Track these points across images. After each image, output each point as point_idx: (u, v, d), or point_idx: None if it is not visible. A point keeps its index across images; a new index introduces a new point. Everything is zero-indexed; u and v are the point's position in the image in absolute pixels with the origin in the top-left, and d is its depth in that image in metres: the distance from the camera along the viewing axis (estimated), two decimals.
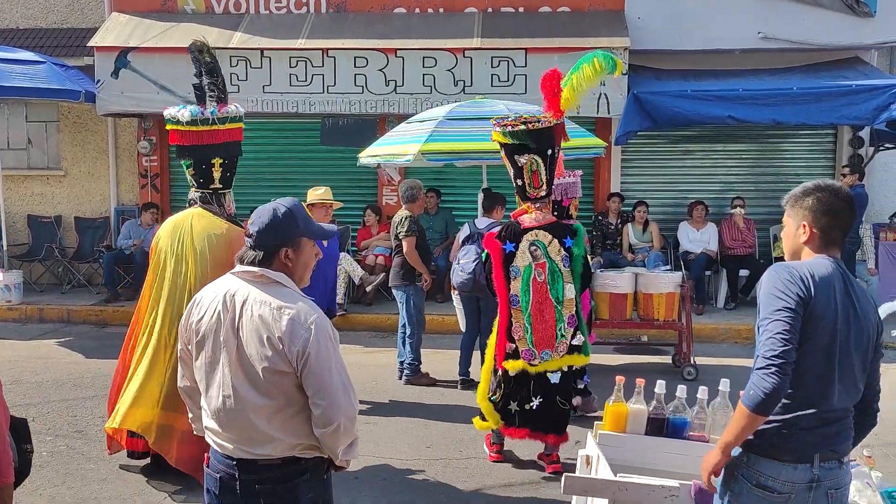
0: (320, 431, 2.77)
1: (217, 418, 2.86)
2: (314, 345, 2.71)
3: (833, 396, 2.76)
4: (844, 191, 2.94)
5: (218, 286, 2.92)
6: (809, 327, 2.72)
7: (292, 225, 2.86)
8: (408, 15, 11.54)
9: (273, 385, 2.76)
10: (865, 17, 10.86)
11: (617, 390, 3.77)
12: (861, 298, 2.85)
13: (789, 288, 2.72)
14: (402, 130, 8.48)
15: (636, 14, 11.11)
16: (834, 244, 2.89)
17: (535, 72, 10.47)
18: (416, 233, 7.82)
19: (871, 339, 2.85)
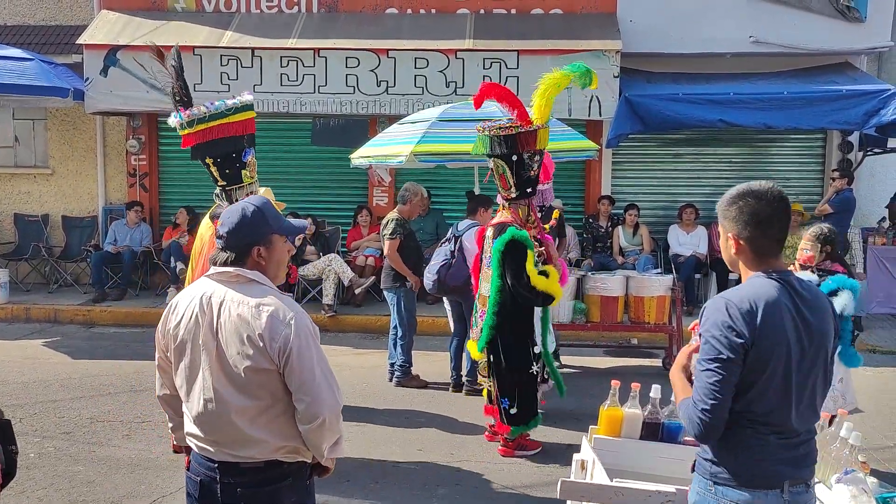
0: (305, 427, 2.76)
1: (199, 422, 2.84)
2: (295, 340, 2.71)
3: (794, 420, 2.65)
4: (773, 193, 2.70)
5: (194, 290, 2.91)
6: (761, 363, 2.59)
7: (262, 223, 2.86)
8: (399, 15, 11.52)
9: (256, 384, 2.75)
10: (856, 22, 10.91)
11: (612, 395, 3.75)
12: (815, 309, 2.68)
13: (727, 335, 2.57)
14: (394, 131, 8.46)
15: (628, 17, 11.12)
16: (769, 255, 2.71)
17: (527, 73, 10.49)
18: (400, 235, 7.76)
19: (829, 349, 2.72)
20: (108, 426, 6.58)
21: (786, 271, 2.72)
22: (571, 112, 10.49)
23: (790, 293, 2.66)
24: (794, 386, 2.63)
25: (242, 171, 5.24)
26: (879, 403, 7.43)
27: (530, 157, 5.77)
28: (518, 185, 5.82)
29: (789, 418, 2.65)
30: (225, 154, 5.21)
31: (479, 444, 6.33)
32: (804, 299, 2.67)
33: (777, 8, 10.98)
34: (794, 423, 2.66)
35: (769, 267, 2.70)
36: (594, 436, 3.71)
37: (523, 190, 5.86)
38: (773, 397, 2.63)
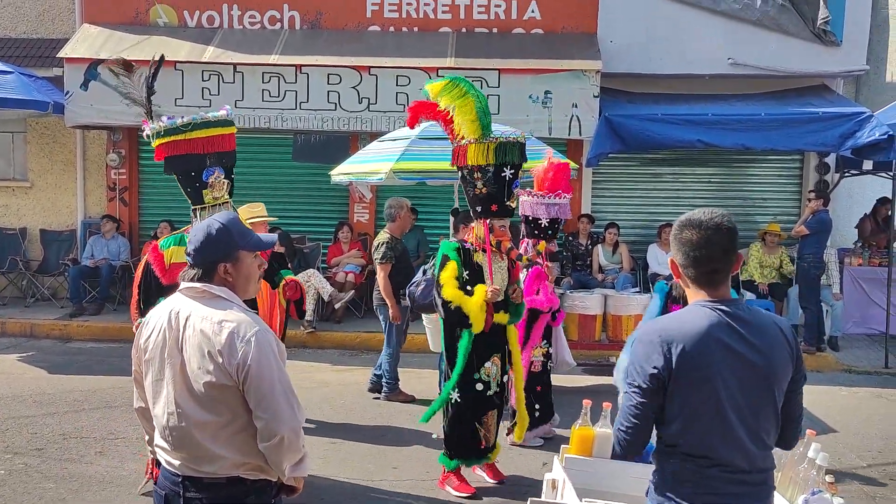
0: (264, 445, 2.77)
1: (164, 435, 2.86)
2: (254, 357, 2.72)
3: (739, 456, 2.61)
4: (713, 222, 2.65)
5: (166, 305, 2.94)
6: (682, 395, 2.58)
7: (228, 240, 2.87)
8: (382, 33, 11.57)
9: (216, 400, 2.77)
10: (832, 45, 11.06)
11: (584, 414, 3.76)
12: (758, 341, 2.61)
13: (643, 366, 2.61)
14: (374, 149, 8.47)
15: (608, 37, 11.23)
16: (713, 283, 2.67)
17: (508, 92, 10.57)
18: (391, 259, 7.73)
19: (776, 380, 2.64)
20: (81, 442, 6.52)
21: (730, 300, 2.68)
22: (552, 131, 10.57)
23: (727, 324, 2.61)
24: (733, 421, 2.59)
25: (203, 191, 4.85)
26: (853, 423, 7.48)
27: (469, 174, 5.44)
28: (470, 202, 5.60)
29: (733, 454, 2.60)
30: (185, 171, 4.87)
31: None
32: (745, 330, 2.62)
33: (755, 30, 11.13)
34: (738, 459, 2.61)
35: (708, 296, 2.68)
36: (566, 455, 3.71)
37: (474, 208, 5.56)
38: (707, 431, 2.60)
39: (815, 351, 9.88)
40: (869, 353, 10.15)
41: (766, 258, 10.67)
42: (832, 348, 10.24)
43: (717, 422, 2.60)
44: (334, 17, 11.64)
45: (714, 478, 2.61)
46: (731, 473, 2.62)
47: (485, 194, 5.45)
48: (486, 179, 5.42)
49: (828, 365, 9.65)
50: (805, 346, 9.72)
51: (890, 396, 8.53)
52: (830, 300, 10.46)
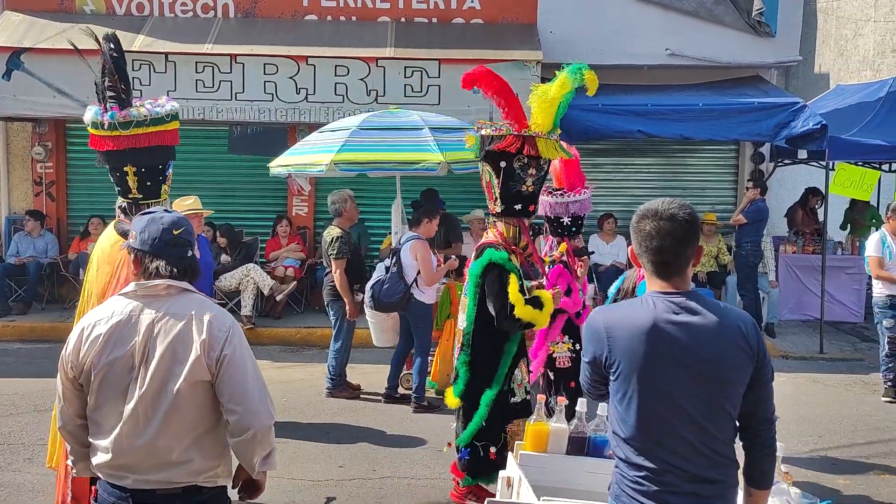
0: (235, 440, 2.71)
1: (117, 447, 2.71)
2: (230, 348, 2.69)
3: (688, 458, 2.53)
4: (668, 212, 2.61)
5: (112, 307, 2.77)
6: (628, 385, 2.55)
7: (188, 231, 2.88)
8: (319, 22, 11.33)
9: (188, 401, 2.68)
10: (766, 37, 11.24)
11: (538, 409, 3.69)
12: (708, 336, 2.53)
13: (587, 344, 2.71)
14: (313, 140, 8.28)
15: (549, 28, 11.21)
16: (667, 274, 2.62)
17: (449, 83, 10.45)
18: (346, 254, 7.59)
19: (728, 378, 2.54)
20: (8, 449, 6.21)
21: (685, 292, 2.60)
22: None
23: (676, 317, 2.55)
24: (680, 417, 2.52)
25: (163, 186, 4.66)
26: (792, 409, 7.59)
27: (522, 168, 4.87)
28: (504, 198, 4.95)
29: (682, 455, 2.53)
30: (153, 164, 4.60)
31: (404, 458, 6.21)
32: (694, 325, 2.54)
33: (692, 22, 11.24)
34: (690, 464, 2.53)
35: (668, 287, 2.62)
36: (520, 452, 3.63)
37: (510, 205, 4.94)
38: (654, 428, 2.54)
39: None
40: (804, 339, 10.37)
41: (704, 246, 10.80)
42: (769, 335, 10.43)
43: (664, 419, 2.53)
44: (270, 5, 11.36)
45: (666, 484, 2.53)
46: (683, 482, 2.53)
47: (530, 193, 4.96)
48: (538, 178, 4.96)
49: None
50: None
51: (826, 381, 8.72)
52: (767, 287, 10.66)
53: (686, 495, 2.53)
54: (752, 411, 2.62)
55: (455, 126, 8.26)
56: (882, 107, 10.42)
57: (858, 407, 7.82)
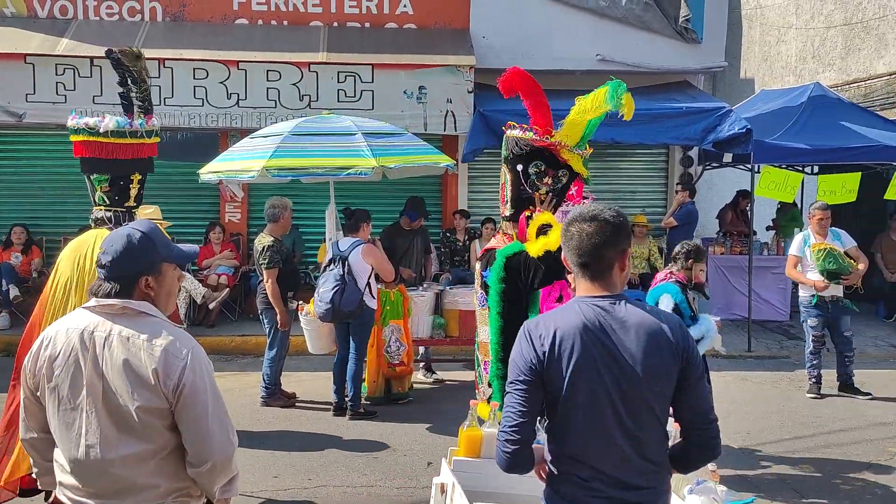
0: (194, 471, 2.60)
1: (77, 472, 2.59)
2: (189, 376, 2.55)
3: (619, 466, 2.55)
4: (598, 217, 2.64)
5: (70, 323, 2.66)
6: (559, 391, 2.54)
7: (150, 250, 2.66)
8: (250, 26, 11.20)
9: (146, 425, 2.56)
10: (693, 43, 11.49)
11: (471, 415, 3.69)
12: (636, 340, 2.55)
13: (520, 359, 2.60)
14: (245, 146, 8.16)
15: (481, 33, 11.27)
16: (595, 278, 2.64)
17: (382, 88, 10.45)
18: (278, 263, 7.49)
19: (655, 381, 2.55)
20: None
21: (612, 296, 2.62)
22: (427, 127, 10.51)
23: (603, 321, 2.57)
24: (609, 422, 2.54)
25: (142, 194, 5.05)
26: (722, 407, 7.73)
27: (538, 175, 4.72)
28: (514, 202, 4.80)
29: (611, 460, 2.55)
30: (146, 174, 5.01)
31: (340, 466, 6.16)
32: (622, 328, 2.56)
33: (621, 28, 11.43)
34: (619, 469, 2.55)
35: (596, 290, 2.64)
36: (454, 458, 3.63)
37: (518, 210, 4.77)
38: (584, 434, 2.56)
39: None
40: (733, 338, 10.60)
41: (635, 249, 10.98)
42: None
43: (592, 423, 2.54)
44: (199, 9, 11.17)
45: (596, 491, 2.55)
46: (610, 488, 2.55)
47: (542, 201, 4.77)
48: (552, 188, 4.76)
49: None
50: None
51: (754, 379, 8.94)
52: None
53: (612, 501, 2.55)
54: (690, 411, 2.63)
55: (388, 131, 8.24)
56: (804, 111, 10.75)
57: (785, 403, 8.04)
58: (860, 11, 13.46)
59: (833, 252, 7.94)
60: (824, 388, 8.24)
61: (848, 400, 8.08)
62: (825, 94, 11.26)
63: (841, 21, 13.89)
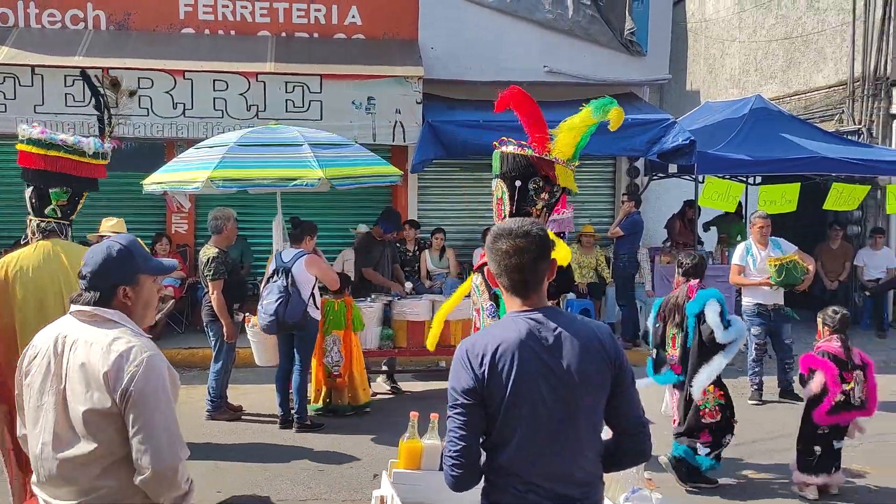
0: (139, 479, 2.63)
1: (37, 467, 2.75)
2: (140, 382, 2.60)
3: (557, 476, 2.58)
4: (524, 231, 2.67)
5: (53, 328, 2.83)
6: (499, 407, 2.54)
7: (129, 262, 2.79)
8: (196, 36, 11.09)
9: (98, 428, 2.63)
10: (638, 55, 11.68)
11: (411, 426, 3.70)
12: (571, 351, 2.58)
13: (459, 382, 2.57)
14: (189, 156, 8.09)
15: (429, 44, 11.32)
16: (526, 292, 2.67)
17: (331, 98, 10.42)
18: (223, 275, 7.41)
19: (590, 389, 2.60)
20: None
21: (544, 309, 2.66)
22: (376, 137, 10.51)
23: (539, 334, 2.60)
24: (549, 433, 2.57)
25: None
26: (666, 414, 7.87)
27: (536, 191, 4.78)
28: (513, 216, 4.76)
29: (548, 476, 2.57)
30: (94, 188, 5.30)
31: (285, 479, 6.11)
32: (556, 339, 2.59)
33: (568, 40, 11.57)
34: (556, 484, 2.57)
35: (527, 305, 2.67)
36: (394, 470, 3.63)
37: None
38: (525, 446, 2.57)
39: (632, 346, 10.39)
40: None
41: (583, 259, 11.09)
42: (647, 342, 10.78)
43: (532, 436, 2.56)
44: (144, 17, 11.03)
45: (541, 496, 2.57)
46: (545, 500, 2.57)
47: (538, 216, 4.75)
48: (548, 203, 4.82)
49: (643, 358, 10.13)
50: (622, 341, 10.19)
51: None
52: (644, 297, 11.03)
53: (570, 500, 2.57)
54: (624, 417, 2.68)
55: (336, 142, 8.23)
56: (746, 123, 11.01)
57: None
58: (800, 26, 13.82)
59: (787, 265, 8.13)
60: (765, 395, 8.41)
61: (788, 406, 8.25)
62: (766, 106, 11.54)
63: (782, 35, 14.25)
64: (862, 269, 11.82)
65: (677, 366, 6.24)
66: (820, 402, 5.85)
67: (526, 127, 4.96)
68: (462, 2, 11.48)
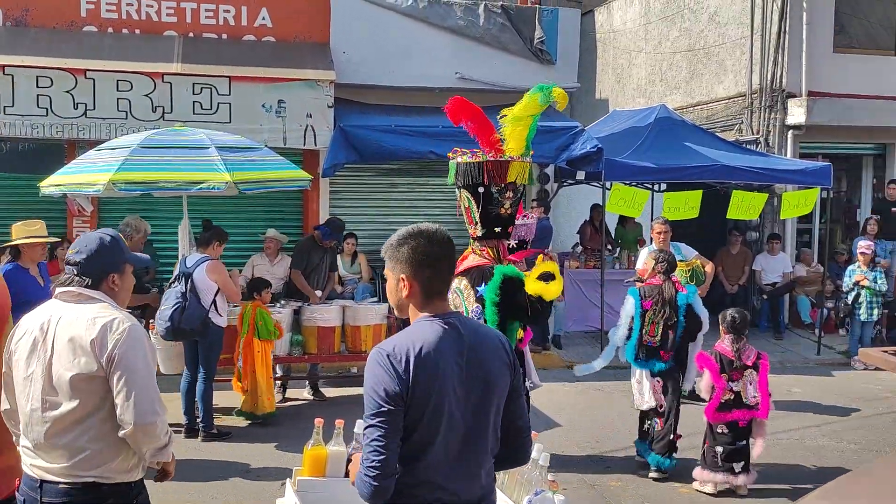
0: (122, 433, 2.95)
1: (27, 433, 3.03)
2: (123, 346, 2.94)
3: (464, 482, 2.60)
4: (440, 235, 2.69)
5: (40, 312, 3.11)
6: (419, 410, 2.51)
7: (118, 252, 3.16)
8: (100, 34, 10.74)
9: (83, 391, 2.95)
10: (547, 63, 11.89)
11: (315, 433, 3.65)
12: (482, 354, 2.64)
13: (382, 385, 2.50)
14: (91, 158, 7.84)
15: (341, 48, 11.26)
16: (438, 296, 2.67)
17: (240, 101, 10.24)
18: None
19: (497, 392, 2.66)
20: None
21: (451, 314, 2.69)
22: (287, 141, 10.38)
23: (454, 338, 2.61)
24: (462, 436, 2.59)
25: None
26: (575, 417, 8.03)
27: (500, 192, 4.97)
28: (484, 221, 5.03)
29: (457, 480, 2.59)
30: None
31: (189, 490, 5.95)
32: (468, 343, 2.62)
33: (479, 47, 11.70)
34: (463, 487, 2.60)
35: (436, 310, 2.67)
36: (298, 478, 3.58)
37: (490, 228, 5.04)
38: (444, 452, 2.57)
39: (542, 350, 10.53)
40: (587, 349, 10.99)
41: None
42: (556, 346, 10.98)
43: (445, 440, 2.56)
44: (43, 14, 10.63)
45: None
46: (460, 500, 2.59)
47: (508, 215, 5.07)
48: (514, 200, 5.04)
49: (553, 363, 10.32)
50: (532, 345, 10.31)
51: (605, 388, 9.28)
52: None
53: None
54: (516, 421, 2.74)
55: (245, 145, 8.10)
56: (651, 132, 11.31)
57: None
58: (702, 39, 14.29)
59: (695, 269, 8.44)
60: None
61: (692, 406, 8.48)
62: (670, 115, 11.89)
63: (685, 47, 14.70)
64: (760, 273, 12.31)
65: (666, 353, 6.58)
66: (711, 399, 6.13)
67: (475, 133, 5.17)
68: (374, 7, 11.47)
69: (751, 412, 6.14)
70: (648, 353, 6.61)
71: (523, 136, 5.12)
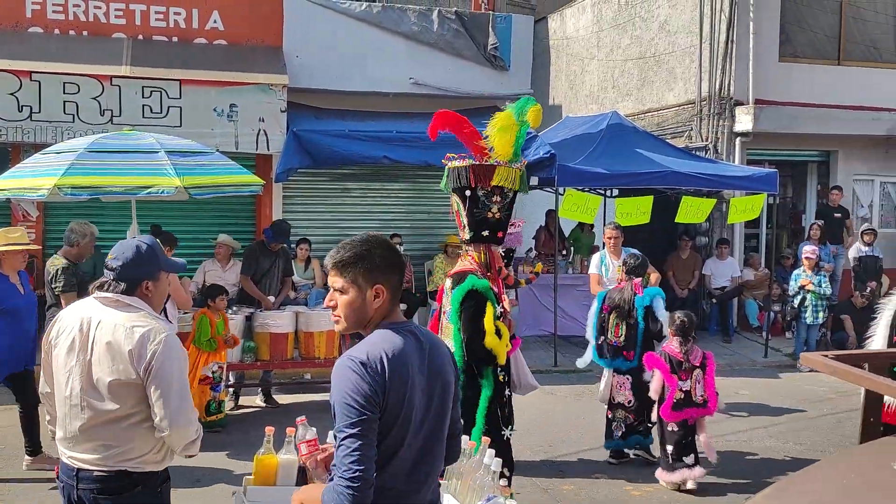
0: (160, 435, 3.18)
1: (64, 425, 3.22)
2: (160, 357, 3.11)
3: (424, 485, 2.63)
4: (392, 244, 2.75)
5: (78, 308, 3.29)
6: (392, 419, 2.50)
7: (154, 259, 3.31)
8: (46, 35, 10.54)
9: (118, 395, 3.13)
10: (501, 70, 11.98)
11: (266, 441, 3.60)
12: (437, 359, 2.68)
13: (360, 391, 2.44)
14: (36, 162, 7.63)
15: (294, 52, 11.20)
16: (398, 303, 2.70)
17: (191, 104, 10.13)
18: (74, 287, 6.98)
19: (450, 398, 2.72)
20: None
21: (408, 322, 2.72)
22: (239, 146, 10.30)
23: (416, 345, 2.62)
24: (424, 445, 2.61)
25: None
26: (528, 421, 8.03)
27: (486, 196, 5.17)
28: (471, 225, 5.24)
29: (420, 482, 2.60)
30: None
31: None
32: (427, 350, 2.65)
33: (433, 53, 11.74)
34: (422, 492, 2.62)
35: (397, 317, 2.68)
36: (248, 487, 3.53)
37: (477, 232, 5.24)
38: (409, 458, 2.57)
39: None
40: (541, 353, 11.05)
41: (449, 268, 11.20)
42: None
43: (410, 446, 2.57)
44: None
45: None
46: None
47: (497, 219, 5.25)
48: (503, 204, 5.22)
49: None
50: None
51: (558, 393, 9.35)
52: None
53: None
54: (454, 425, 2.83)
55: (195, 150, 7.98)
56: (603, 138, 11.44)
57: (586, 416, 8.45)
58: (652, 46, 14.50)
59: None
60: None
61: None
62: (622, 122, 12.04)
63: (636, 55, 14.91)
64: (709, 277, 12.51)
65: (630, 352, 6.86)
66: (664, 399, 6.26)
67: (463, 140, 5.39)
68: (328, 11, 11.45)
69: (700, 410, 6.33)
70: (614, 353, 6.98)
71: (510, 144, 5.28)
